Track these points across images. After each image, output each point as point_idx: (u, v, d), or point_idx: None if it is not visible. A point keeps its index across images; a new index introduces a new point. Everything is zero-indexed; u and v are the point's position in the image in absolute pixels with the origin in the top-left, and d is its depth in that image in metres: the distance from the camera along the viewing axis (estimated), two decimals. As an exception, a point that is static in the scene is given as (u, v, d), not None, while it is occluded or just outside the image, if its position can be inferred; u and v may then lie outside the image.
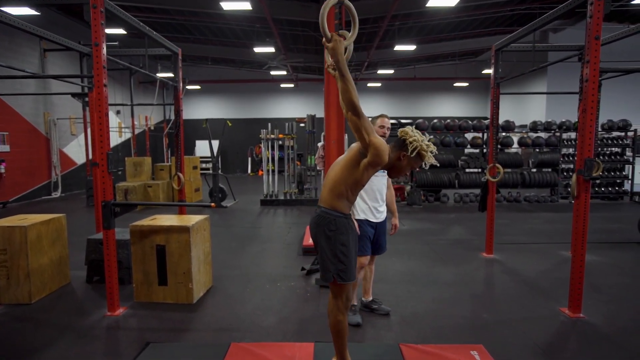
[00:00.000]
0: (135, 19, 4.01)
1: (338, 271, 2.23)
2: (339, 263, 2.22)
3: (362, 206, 3.25)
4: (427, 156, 2.21)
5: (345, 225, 2.24)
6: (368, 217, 3.24)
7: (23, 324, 3.39)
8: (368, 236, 3.24)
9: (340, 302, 2.30)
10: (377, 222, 3.27)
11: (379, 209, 3.28)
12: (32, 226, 3.77)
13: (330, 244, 2.22)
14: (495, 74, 5.09)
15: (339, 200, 2.23)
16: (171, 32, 12.63)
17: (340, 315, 2.30)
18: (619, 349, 2.96)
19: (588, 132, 3.33)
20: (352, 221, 2.36)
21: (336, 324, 2.31)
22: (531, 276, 4.50)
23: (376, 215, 3.26)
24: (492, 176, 5.21)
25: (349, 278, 2.26)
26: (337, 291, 2.30)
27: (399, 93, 18.74)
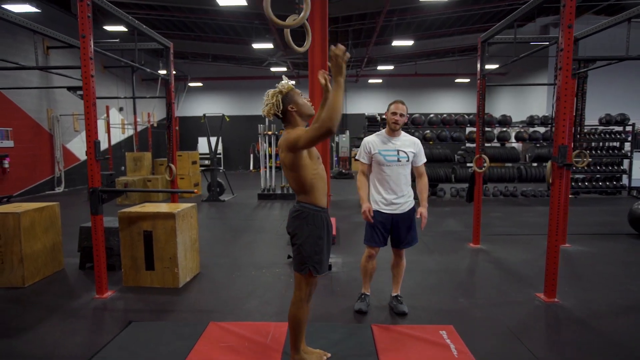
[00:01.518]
0: (125, 13, 4.12)
1: (314, 263, 2.24)
2: (315, 255, 2.24)
3: (375, 197, 3.16)
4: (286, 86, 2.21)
5: (322, 219, 2.27)
6: (380, 207, 3.13)
7: (16, 305, 3.54)
8: (378, 227, 3.13)
9: (304, 294, 2.31)
10: (392, 214, 3.12)
11: (394, 201, 3.11)
12: (25, 213, 3.91)
13: (309, 237, 2.23)
14: (482, 66, 5.15)
15: (311, 194, 2.25)
16: (172, 29, 12.79)
17: (301, 307, 2.31)
18: (586, 330, 3.03)
19: (562, 120, 3.39)
20: (328, 215, 2.39)
21: (295, 317, 2.32)
22: (514, 265, 4.56)
23: (390, 207, 3.11)
24: (478, 167, 5.27)
25: (322, 270, 2.29)
26: (305, 283, 2.29)
27: (401, 89, 18.75)
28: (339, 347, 2.67)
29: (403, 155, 3.11)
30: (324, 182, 2.30)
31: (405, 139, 3.19)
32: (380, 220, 3.13)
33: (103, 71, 13.51)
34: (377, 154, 3.12)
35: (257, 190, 10.16)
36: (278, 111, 2.22)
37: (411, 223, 3.20)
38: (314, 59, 4.31)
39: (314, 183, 2.24)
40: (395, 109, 3.12)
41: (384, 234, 3.17)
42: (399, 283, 3.38)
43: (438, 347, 2.68)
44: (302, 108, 2.25)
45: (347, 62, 2.03)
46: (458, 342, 2.73)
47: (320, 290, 3.84)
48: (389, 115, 3.14)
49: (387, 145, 3.14)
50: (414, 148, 3.16)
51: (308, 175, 2.22)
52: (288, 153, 2.18)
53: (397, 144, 3.14)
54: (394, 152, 3.11)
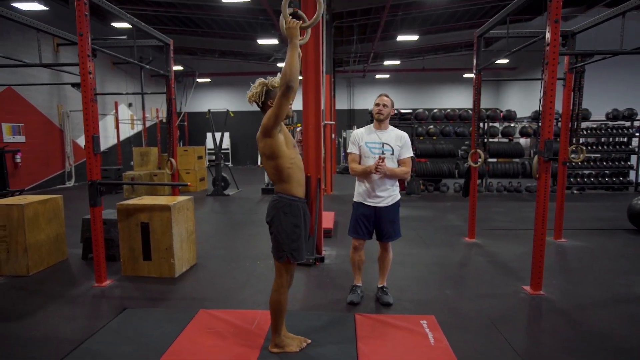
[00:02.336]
0: (122, 11, 4.25)
1: (292, 251, 2.34)
2: (292, 243, 2.33)
3: (359, 189, 3.23)
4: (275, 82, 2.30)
5: (298, 208, 2.36)
6: (363, 200, 3.19)
7: (20, 292, 3.72)
8: (362, 219, 3.19)
9: (285, 281, 2.41)
10: (375, 207, 3.17)
11: (378, 194, 3.14)
12: (29, 205, 4.08)
13: (285, 226, 2.33)
14: (478, 60, 5.16)
15: (287, 184, 2.34)
16: (179, 25, 12.95)
17: (282, 293, 2.40)
18: (567, 321, 3.07)
19: (548, 115, 3.42)
20: (305, 205, 2.46)
21: (276, 302, 2.40)
22: (506, 259, 4.60)
23: (373, 200, 3.16)
24: (473, 162, 5.30)
25: (300, 257, 2.39)
26: (285, 270, 2.40)
27: (408, 84, 18.70)
28: (320, 334, 2.77)
29: (388, 148, 3.18)
30: (301, 171, 2.40)
31: (392, 133, 3.25)
32: (364, 213, 3.21)
33: (112, 68, 13.76)
34: (364, 145, 3.20)
35: (262, 185, 10.29)
36: (259, 101, 2.32)
37: (394, 217, 3.26)
38: (307, 55, 4.37)
39: (291, 173, 2.33)
40: (379, 101, 3.21)
41: (368, 226, 3.24)
42: (384, 275, 3.45)
43: (416, 335, 2.75)
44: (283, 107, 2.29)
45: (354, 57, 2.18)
46: (437, 331, 2.80)
47: (311, 281, 3.96)
48: (374, 107, 3.24)
49: (372, 136, 3.22)
50: (400, 141, 3.23)
51: (285, 164, 2.31)
52: (265, 139, 2.28)
53: (383, 137, 3.21)
54: (379, 144, 3.18)
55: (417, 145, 9.85)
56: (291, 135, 2.39)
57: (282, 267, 2.41)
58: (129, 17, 4.38)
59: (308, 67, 4.44)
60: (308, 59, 4.42)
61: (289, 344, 2.55)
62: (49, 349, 2.68)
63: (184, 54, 16.57)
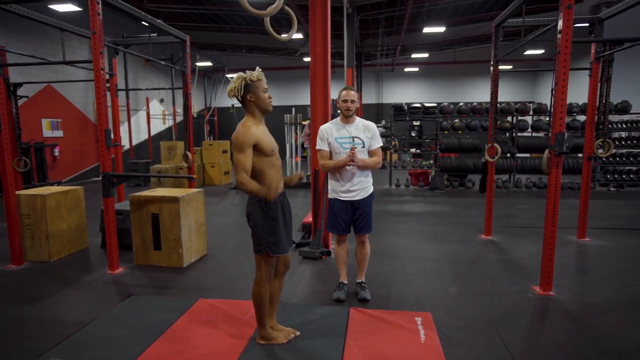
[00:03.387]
0: (137, 9, 4.38)
1: (269, 244, 2.36)
2: (270, 236, 2.35)
3: (333, 184, 3.22)
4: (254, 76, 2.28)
5: (275, 202, 2.35)
6: (338, 195, 3.20)
7: (40, 277, 3.95)
8: (338, 215, 3.20)
9: (264, 274, 2.42)
10: (350, 201, 3.17)
11: (352, 188, 3.15)
12: (51, 195, 4.32)
13: (262, 219, 2.34)
14: (495, 51, 4.96)
15: (262, 179, 2.33)
16: (207, 22, 13.22)
17: (262, 286, 2.42)
18: (571, 323, 2.93)
19: (559, 106, 3.25)
20: (284, 198, 2.46)
21: (257, 295, 2.43)
22: (520, 257, 4.42)
23: (348, 195, 3.16)
24: (490, 156, 5.12)
25: (279, 251, 2.40)
26: (264, 263, 2.42)
27: (438, 78, 18.25)
28: (311, 327, 2.78)
29: (358, 141, 3.14)
30: (275, 169, 2.38)
31: (360, 125, 3.19)
32: (340, 208, 3.21)
33: (145, 65, 14.26)
34: (333, 141, 3.17)
35: (284, 179, 10.37)
36: (238, 95, 2.31)
37: (369, 209, 3.24)
38: (315, 47, 4.35)
39: (264, 170, 2.33)
40: (345, 96, 3.13)
41: (346, 220, 3.23)
42: (362, 270, 3.40)
43: (408, 332, 2.71)
44: (260, 102, 2.33)
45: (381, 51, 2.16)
46: (430, 328, 2.74)
47: (315, 274, 3.97)
48: (340, 102, 3.15)
49: (341, 132, 3.18)
50: (368, 132, 3.17)
51: (257, 163, 2.32)
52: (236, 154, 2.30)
53: (352, 130, 3.16)
54: (348, 138, 3.15)
55: (441, 140, 9.62)
56: (266, 137, 2.33)
57: (261, 261, 2.43)
58: (143, 15, 4.52)
59: (316, 60, 4.42)
60: (316, 52, 4.40)
61: (276, 336, 2.57)
62: (54, 330, 2.84)
63: (215, 50, 16.92)
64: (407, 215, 6.70)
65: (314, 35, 4.39)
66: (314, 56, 4.41)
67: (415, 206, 7.48)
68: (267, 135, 2.37)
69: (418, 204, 7.71)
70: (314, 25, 4.38)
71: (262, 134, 2.32)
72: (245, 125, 2.29)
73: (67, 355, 2.44)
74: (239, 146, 2.23)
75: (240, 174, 2.23)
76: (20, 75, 8.50)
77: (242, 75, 2.30)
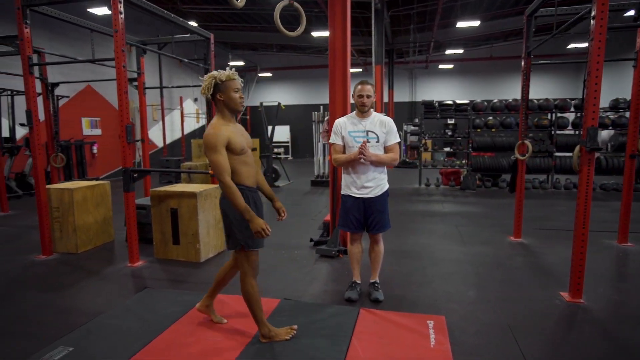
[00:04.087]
0: (160, 8, 4.46)
1: (245, 238, 2.33)
2: (247, 230, 2.30)
3: (347, 180, 3.13)
4: (223, 75, 2.27)
5: (246, 196, 2.32)
6: (351, 192, 3.10)
7: (66, 267, 4.11)
8: (351, 212, 3.10)
9: (247, 270, 2.39)
10: (363, 198, 3.07)
11: (366, 185, 3.04)
12: (78, 189, 4.49)
13: (235, 214, 2.30)
14: (527, 43, 4.68)
15: (235, 176, 2.30)
16: (238, 22, 13.41)
17: (248, 283, 2.39)
18: (599, 333, 2.69)
19: (592, 99, 3.00)
20: (256, 194, 2.44)
21: (246, 294, 2.41)
22: (551, 261, 4.15)
23: (361, 191, 3.06)
24: (521, 154, 4.84)
25: (255, 245, 2.37)
26: (244, 259, 2.38)
27: (474, 74, 17.61)
28: (317, 326, 2.70)
29: (372, 135, 3.03)
30: (247, 166, 2.36)
31: (375, 119, 3.09)
32: (352, 205, 3.10)
33: (180, 65, 14.66)
34: (347, 135, 3.08)
35: (312, 177, 10.36)
36: (208, 93, 2.31)
37: (383, 207, 3.11)
38: (335, 42, 4.26)
39: (236, 166, 2.31)
40: (361, 91, 3.03)
41: (358, 218, 3.11)
42: (376, 269, 3.30)
43: (417, 335, 2.58)
44: (229, 101, 2.32)
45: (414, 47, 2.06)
46: (442, 333, 2.60)
47: (330, 273, 3.89)
48: (356, 97, 3.06)
49: (356, 126, 3.08)
50: (384, 127, 3.06)
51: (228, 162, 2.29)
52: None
53: (367, 125, 3.06)
54: (362, 132, 3.05)
55: (473, 138, 9.26)
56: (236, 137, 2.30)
57: (241, 257, 2.39)
58: (166, 13, 4.60)
59: (335, 56, 4.34)
60: (335, 47, 4.32)
61: (278, 333, 2.52)
62: (69, 319, 2.93)
63: (246, 50, 17.16)
64: (433, 215, 6.49)
65: (334, 31, 4.31)
66: (333, 51, 4.32)
67: (443, 206, 7.23)
68: (238, 134, 2.34)
69: (446, 204, 7.46)
70: (333, 20, 4.30)
71: (232, 133, 2.29)
72: (215, 126, 2.28)
73: (74, 343, 2.49)
74: (212, 147, 2.22)
75: (224, 176, 2.21)
76: (63, 76, 8.95)
77: (213, 75, 2.31)
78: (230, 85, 2.30)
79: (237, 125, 2.42)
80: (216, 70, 2.37)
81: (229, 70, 2.33)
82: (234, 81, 2.32)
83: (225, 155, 2.23)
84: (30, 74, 4.19)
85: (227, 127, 2.30)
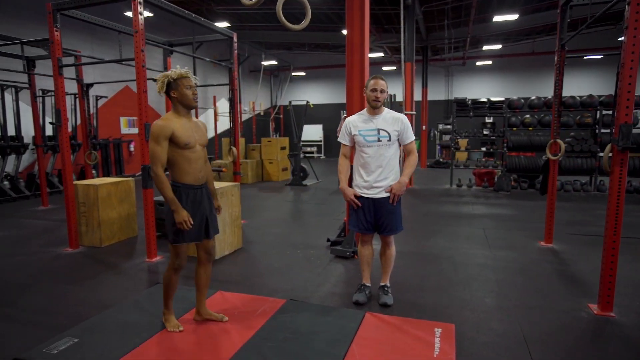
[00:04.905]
0: (178, 7, 4.53)
1: (172, 233, 2.47)
2: (172, 226, 2.44)
3: (357, 180, 3.02)
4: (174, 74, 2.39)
5: (180, 193, 2.45)
6: (361, 191, 2.97)
7: (89, 260, 4.27)
8: (360, 213, 2.98)
9: (173, 261, 2.56)
10: (374, 198, 2.94)
11: (376, 185, 2.92)
12: (103, 185, 4.65)
13: (169, 210, 2.44)
14: (561, 35, 4.38)
15: (173, 171, 2.48)
16: (270, 21, 13.51)
17: (169, 271, 2.58)
18: (629, 350, 2.43)
19: (626, 92, 2.73)
20: (194, 191, 2.49)
21: (164, 278, 2.62)
22: (582, 269, 3.85)
23: (371, 191, 2.94)
24: (552, 154, 4.53)
25: (179, 240, 2.48)
26: (172, 251, 2.55)
27: (515, 71, 16.83)
28: (319, 328, 2.63)
29: (384, 134, 2.89)
30: (190, 162, 2.45)
31: (387, 117, 2.95)
32: (363, 205, 2.98)
33: (214, 66, 14.99)
34: (357, 134, 2.95)
35: (340, 177, 10.26)
36: (161, 92, 2.45)
37: (395, 208, 2.97)
38: (353, 38, 4.16)
39: (177, 160, 2.43)
40: (374, 85, 2.90)
41: (368, 219, 2.99)
42: (387, 273, 3.16)
43: (421, 343, 2.44)
44: (182, 98, 2.43)
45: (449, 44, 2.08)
46: (448, 342, 2.45)
47: (343, 274, 3.80)
48: (369, 92, 2.92)
49: (367, 124, 2.95)
50: (397, 126, 2.92)
51: (170, 153, 2.42)
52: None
53: (378, 122, 2.92)
54: (373, 131, 2.91)
55: (509, 137, 8.82)
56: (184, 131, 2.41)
57: (171, 249, 2.55)
58: (187, 13, 4.67)
59: (353, 51, 4.24)
60: (353, 42, 4.22)
61: (168, 321, 2.67)
62: (82, 311, 3.02)
63: (280, 49, 17.30)
64: (460, 217, 6.22)
65: (351, 26, 4.21)
66: (351, 47, 4.23)
67: (473, 208, 6.93)
68: (187, 129, 2.43)
69: (477, 205, 7.14)
70: (351, 15, 4.20)
71: (180, 127, 2.39)
72: (164, 118, 2.41)
73: (80, 335, 2.56)
74: (154, 137, 2.36)
75: (156, 166, 2.36)
76: (102, 77, 9.38)
77: (165, 74, 2.42)
78: (183, 83, 2.42)
79: (193, 121, 2.52)
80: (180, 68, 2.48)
81: (181, 69, 2.44)
82: (186, 79, 2.43)
83: (164, 147, 2.37)
84: (60, 75, 4.37)
85: (176, 120, 2.42)
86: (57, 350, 2.39)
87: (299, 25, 3.14)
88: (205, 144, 2.60)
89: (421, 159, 14.88)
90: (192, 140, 2.45)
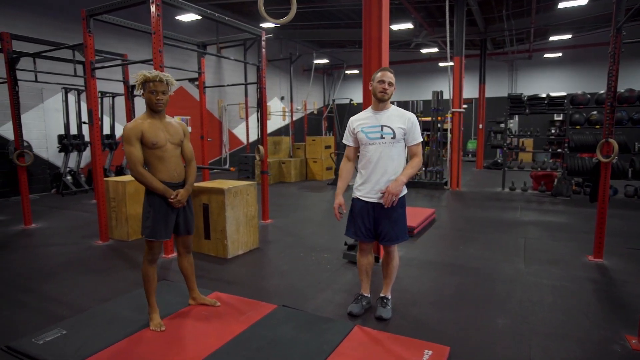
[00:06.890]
0: (198, 7, 4.57)
1: (144, 228, 2.60)
2: (146, 221, 2.58)
3: (357, 182, 2.78)
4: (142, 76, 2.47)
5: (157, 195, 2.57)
6: (361, 194, 2.74)
7: (114, 252, 4.48)
8: (360, 219, 2.75)
9: (146, 255, 2.66)
10: (374, 203, 2.70)
11: (376, 188, 2.68)
12: (131, 182, 4.85)
13: (145, 206, 2.61)
14: (617, 17, 3.79)
15: (150, 169, 2.58)
16: (320, 20, 13.44)
17: (145, 265, 2.67)
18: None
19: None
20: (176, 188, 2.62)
21: (142, 272, 2.69)
22: (631, 292, 3.29)
23: (369, 195, 2.70)
24: (604, 156, 3.94)
25: (151, 236, 2.57)
26: (146, 245, 2.64)
27: (588, 63, 15.21)
28: (300, 338, 2.49)
29: (387, 131, 2.62)
30: (161, 161, 2.55)
31: (393, 113, 2.68)
32: (361, 210, 2.74)
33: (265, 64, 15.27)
34: (360, 131, 2.72)
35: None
36: (139, 90, 2.53)
37: (398, 216, 2.68)
38: (371, 32, 3.91)
39: (149, 159, 2.54)
40: (382, 77, 2.66)
41: (367, 225, 2.74)
42: (388, 284, 2.89)
43: (404, 366, 2.20)
44: (146, 100, 2.53)
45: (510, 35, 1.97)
46: (436, 367, 2.18)
47: (349, 282, 3.60)
48: (375, 84, 2.68)
49: (370, 120, 2.71)
50: (403, 123, 2.64)
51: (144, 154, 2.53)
52: None
53: (382, 118, 2.66)
54: (377, 127, 2.66)
55: (571, 137, 7.94)
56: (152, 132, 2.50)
57: (146, 243, 2.62)
58: (209, 13, 4.72)
59: (371, 45, 4.00)
60: (372, 36, 3.97)
61: (151, 320, 2.67)
62: (86, 303, 3.14)
63: (334, 47, 17.19)
64: (502, 224, 5.68)
65: (369, 18, 3.97)
66: (369, 40, 3.99)
67: (521, 214, 6.31)
68: (156, 129, 2.51)
69: (527, 211, 6.49)
70: (368, 7, 3.95)
71: (148, 128, 2.49)
72: (134, 121, 2.51)
73: (70, 327, 2.64)
74: (126, 140, 2.46)
75: (136, 166, 2.46)
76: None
77: (141, 75, 2.50)
78: (148, 87, 2.50)
79: (166, 121, 2.60)
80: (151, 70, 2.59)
81: (149, 73, 2.50)
82: (151, 83, 2.49)
83: (137, 148, 2.47)
84: (92, 77, 4.62)
85: (145, 122, 2.51)
86: (43, 340, 2.49)
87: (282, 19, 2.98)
88: (179, 143, 2.64)
89: (477, 160, 14.01)
90: (160, 139, 2.53)
